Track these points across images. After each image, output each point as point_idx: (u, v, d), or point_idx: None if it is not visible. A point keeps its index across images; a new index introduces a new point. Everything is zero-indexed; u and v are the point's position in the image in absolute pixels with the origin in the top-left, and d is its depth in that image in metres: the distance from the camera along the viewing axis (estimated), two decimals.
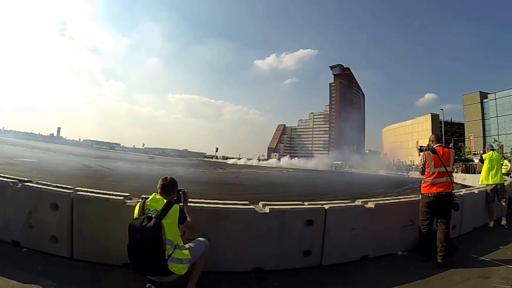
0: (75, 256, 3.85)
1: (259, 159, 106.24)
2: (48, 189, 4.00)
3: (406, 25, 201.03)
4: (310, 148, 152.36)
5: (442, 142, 4.98)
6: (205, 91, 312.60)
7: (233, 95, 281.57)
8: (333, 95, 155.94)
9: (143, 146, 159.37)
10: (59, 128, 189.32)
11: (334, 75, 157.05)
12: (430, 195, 4.54)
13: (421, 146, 4.87)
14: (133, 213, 3.09)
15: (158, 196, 3.10)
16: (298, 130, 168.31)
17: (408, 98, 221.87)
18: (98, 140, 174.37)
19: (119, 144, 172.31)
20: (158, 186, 3.19)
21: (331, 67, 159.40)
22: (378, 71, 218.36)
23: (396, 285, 3.75)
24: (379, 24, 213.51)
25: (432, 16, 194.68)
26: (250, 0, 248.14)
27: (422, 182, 4.74)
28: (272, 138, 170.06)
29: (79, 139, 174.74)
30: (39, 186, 4.08)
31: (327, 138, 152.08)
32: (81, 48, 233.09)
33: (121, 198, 3.81)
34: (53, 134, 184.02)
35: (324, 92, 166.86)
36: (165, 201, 3.06)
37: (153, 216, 2.92)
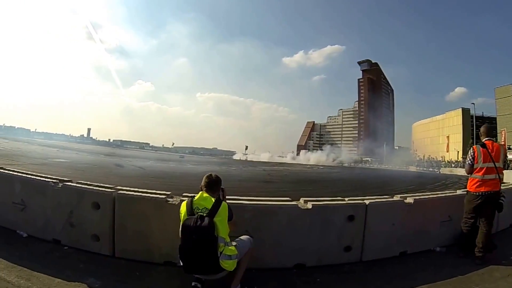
0: (117, 254, 3.82)
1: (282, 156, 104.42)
2: (89, 188, 3.98)
3: (435, 16, 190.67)
4: (340, 145, 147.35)
5: (493, 136, 4.73)
6: (234, 89, 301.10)
7: (262, 93, 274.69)
8: (361, 91, 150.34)
9: (172, 145, 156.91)
10: (89, 129, 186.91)
11: (362, 70, 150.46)
12: (478, 194, 4.29)
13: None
14: (179, 212, 3.07)
15: (205, 194, 3.06)
16: (327, 126, 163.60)
17: (437, 92, 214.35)
18: (128, 140, 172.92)
19: (148, 143, 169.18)
20: (202, 184, 3.15)
21: (359, 63, 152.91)
22: (406, 65, 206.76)
23: (436, 280, 3.68)
24: (406, 16, 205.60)
25: (462, 4, 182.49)
26: None
27: (470, 178, 4.45)
28: (302, 135, 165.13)
29: (109, 139, 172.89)
30: (80, 185, 4.07)
31: (357, 135, 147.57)
32: (110, 50, 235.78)
33: (163, 196, 3.77)
34: (83, 135, 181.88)
35: (353, 88, 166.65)
36: (213, 199, 3.03)
37: (204, 214, 2.90)
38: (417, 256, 4.45)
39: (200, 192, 3.09)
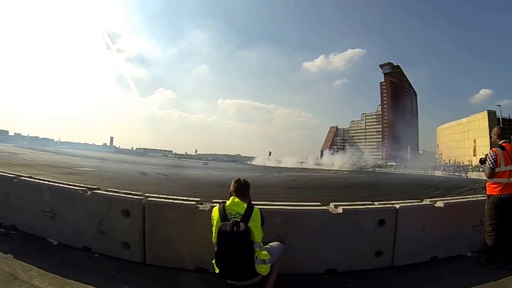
0: (148, 261, 3.80)
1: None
2: (119, 196, 3.99)
3: (458, 16, 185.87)
4: (363, 150, 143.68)
5: (509, 138, 4.66)
6: (256, 95, 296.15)
7: (283, 98, 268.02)
8: (384, 94, 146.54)
9: (195, 152, 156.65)
10: (111, 138, 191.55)
11: (384, 73, 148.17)
12: (502, 196, 4.14)
13: (481, 159, 4.55)
14: (211, 218, 3.05)
15: (236, 200, 3.04)
16: (351, 131, 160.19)
17: (462, 94, 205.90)
18: (150, 148, 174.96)
19: (171, 151, 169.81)
20: (232, 189, 3.15)
21: (381, 66, 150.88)
22: (429, 68, 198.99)
23: (469, 286, 3.58)
24: (427, 17, 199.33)
25: (486, 3, 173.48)
26: (294, 2, 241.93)
27: (490, 182, 4.30)
28: (325, 140, 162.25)
29: (132, 148, 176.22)
30: (109, 193, 4.08)
31: (380, 139, 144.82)
32: (130, 59, 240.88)
33: (193, 203, 3.75)
34: (106, 143, 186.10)
35: (375, 92, 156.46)
36: (245, 204, 3.02)
37: (238, 220, 2.88)
38: (448, 261, 4.33)
39: (231, 197, 3.07)
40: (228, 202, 3.04)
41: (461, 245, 4.50)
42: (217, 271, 3.00)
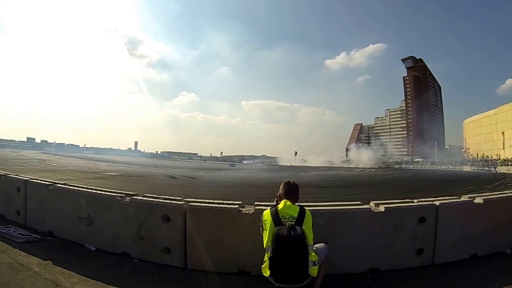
0: (189, 266, 3.76)
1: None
2: (159, 201, 3.95)
3: (480, 5, 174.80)
4: (388, 146, 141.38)
5: None
6: (279, 95, 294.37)
7: (307, 97, 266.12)
8: (407, 89, 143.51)
9: (221, 154, 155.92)
10: (136, 142, 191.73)
11: (407, 68, 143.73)
12: None
13: None
14: (262, 221, 3.00)
15: (289, 203, 3.00)
16: (375, 128, 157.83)
17: (488, 85, 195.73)
18: (175, 151, 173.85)
19: (196, 153, 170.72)
20: (282, 192, 3.11)
21: (403, 60, 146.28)
22: (452, 59, 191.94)
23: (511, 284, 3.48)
24: (448, 6, 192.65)
25: None
26: (312, 0, 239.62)
27: None
28: (350, 138, 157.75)
29: (156, 151, 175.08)
30: (148, 199, 4.04)
31: (405, 135, 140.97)
32: (152, 64, 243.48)
33: (236, 206, 3.71)
34: (130, 148, 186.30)
35: (399, 87, 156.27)
36: (297, 207, 2.98)
37: (292, 223, 2.85)
38: (489, 258, 4.22)
39: (283, 201, 3.02)
40: (280, 206, 2.99)
41: (501, 242, 4.38)
42: (266, 274, 2.95)
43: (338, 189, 17.64)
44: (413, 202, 4.07)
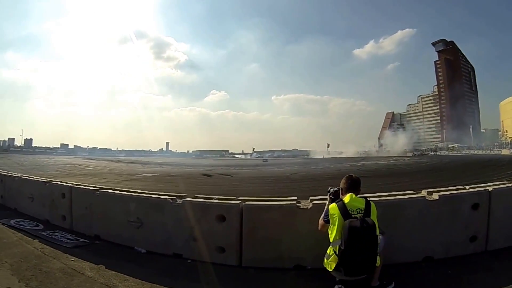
0: (244, 264, 3.66)
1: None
2: (213, 202, 3.86)
3: None
4: (422, 134, 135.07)
5: None
6: (309, 88, 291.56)
7: (337, 88, 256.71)
8: (439, 73, 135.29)
9: (253, 150, 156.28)
10: (167, 143, 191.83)
11: (438, 51, 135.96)
12: None
13: None
14: (330, 215, 2.88)
15: (354, 196, 2.93)
16: (408, 115, 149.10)
17: None
18: (207, 149, 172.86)
19: (227, 151, 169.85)
20: (345, 186, 3.03)
21: (433, 44, 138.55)
22: (484, 39, 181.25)
23: None
24: None
25: None
26: None
27: None
28: (382, 127, 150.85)
29: (188, 151, 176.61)
30: (201, 200, 3.95)
31: (439, 121, 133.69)
32: (180, 65, 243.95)
33: (294, 202, 3.61)
34: (162, 148, 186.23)
35: (430, 72, 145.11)
36: (363, 199, 2.92)
37: (360, 215, 2.78)
38: None
39: (349, 194, 2.94)
40: (346, 199, 2.91)
41: None
42: (330, 268, 2.86)
43: (377, 178, 16.75)
44: (464, 188, 3.90)
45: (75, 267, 3.74)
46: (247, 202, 3.68)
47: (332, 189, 3.19)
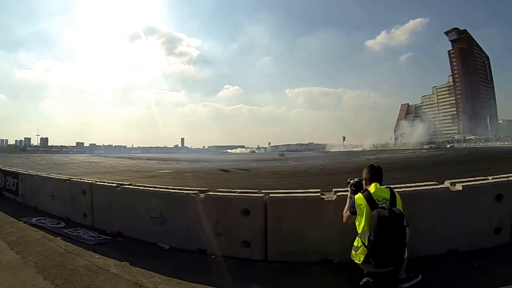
0: (270, 258, 3.58)
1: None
2: (237, 195, 3.77)
3: None
4: (438, 125, 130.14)
5: None
6: (322, 81, 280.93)
7: (350, 80, 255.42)
8: (453, 63, 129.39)
9: (269, 144, 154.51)
10: (182, 139, 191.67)
11: (451, 41, 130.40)
12: None
13: None
14: (356, 206, 2.78)
15: (379, 186, 2.84)
16: (423, 107, 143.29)
17: None
18: (222, 145, 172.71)
19: (243, 146, 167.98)
20: (369, 176, 2.94)
21: (446, 33, 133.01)
22: (498, 27, 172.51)
23: None
24: None
25: None
26: None
27: None
28: (397, 120, 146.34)
29: (203, 147, 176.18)
30: (225, 194, 3.87)
31: (455, 112, 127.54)
32: (192, 61, 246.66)
33: (318, 194, 3.52)
34: (177, 145, 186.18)
35: (444, 62, 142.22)
36: (387, 189, 2.83)
37: (387, 205, 2.69)
38: None
39: (374, 184, 2.86)
40: (372, 189, 2.82)
41: None
42: (359, 260, 2.78)
43: (394, 172, 16.12)
44: (487, 179, 3.77)
45: (100, 264, 3.69)
46: (271, 195, 3.60)
47: (352, 180, 3.12)
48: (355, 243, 2.83)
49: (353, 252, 2.84)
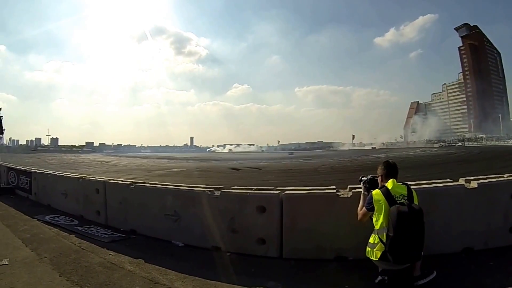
0: (285, 255, 3.47)
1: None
2: (253, 193, 3.66)
3: None
4: (448, 123, 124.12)
5: None
6: (331, 79, 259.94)
7: (359, 78, 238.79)
8: (464, 59, 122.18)
9: (278, 143, 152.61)
10: (191, 138, 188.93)
11: (462, 37, 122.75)
12: None
13: None
14: (375, 202, 2.66)
15: (396, 182, 2.76)
16: (433, 105, 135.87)
17: None
18: (232, 143, 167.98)
19: (253, 144, 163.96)
20: (384, 172, 2.85)
21: (456, 29, 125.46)
22: (510, 22, 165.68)
23: None
24: None
25: None
26: None
27: None
28: (407, 118, 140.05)
29: (212, 145, 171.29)
30: (240, 191, 3.75)
31: (465, 110, 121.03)
32: (201, 60, 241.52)
33: (333, 191, 3.42)
34: (186, 144, 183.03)
35: (454, 59, 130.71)
36: (405, 186, 2.77)
37: (404, 201, 2.61)
38: None
39: (391, 180, 2.77)
40: (389, 185, 2.73)
41: None
42: (376, 257, 2.67)
43: (406, 170, 15.09)
44: (502, 176, 3.65)
45: (115, 261, 3.59)
46: (286, 192, 3.50)
47: (365, 178, 3.03)
48: (371, 240, 2.74)
49: (368, 249, 2.75)
